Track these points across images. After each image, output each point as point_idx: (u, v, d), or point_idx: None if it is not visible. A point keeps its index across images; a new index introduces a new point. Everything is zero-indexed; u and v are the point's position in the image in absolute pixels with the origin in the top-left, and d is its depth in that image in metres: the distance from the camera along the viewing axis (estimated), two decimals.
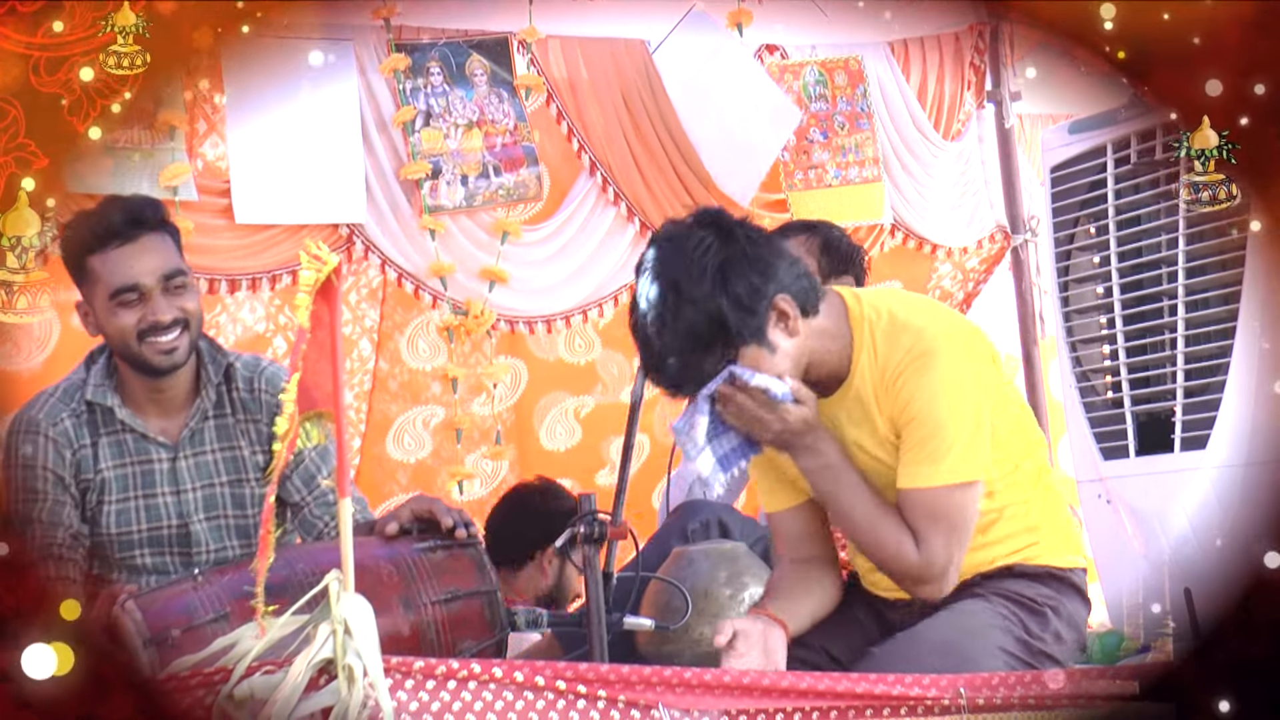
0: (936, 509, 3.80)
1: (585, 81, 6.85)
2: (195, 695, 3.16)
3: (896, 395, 3.82)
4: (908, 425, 3.82)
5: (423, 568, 3.98)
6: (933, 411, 3.78)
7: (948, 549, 3.81)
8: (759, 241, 3.83)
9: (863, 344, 3.87)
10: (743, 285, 3.73)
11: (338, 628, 3.08)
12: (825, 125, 7.17)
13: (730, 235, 3.79)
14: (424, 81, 6.57)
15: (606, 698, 3.31)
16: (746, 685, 3.41)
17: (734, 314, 3.72)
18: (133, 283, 4.43)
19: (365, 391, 6.91)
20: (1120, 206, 6.08)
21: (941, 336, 3.83)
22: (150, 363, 4.46)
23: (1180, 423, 5.85)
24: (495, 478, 7.08)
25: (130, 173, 6.03)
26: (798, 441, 3.85)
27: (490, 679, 3.26)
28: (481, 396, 7.03)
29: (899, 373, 3.81)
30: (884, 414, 3.85)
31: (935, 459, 3.79)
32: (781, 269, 3.82)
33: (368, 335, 6.92)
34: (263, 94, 6.30)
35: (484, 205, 6.62)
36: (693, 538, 4.86)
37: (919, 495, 3.81)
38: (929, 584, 3.84)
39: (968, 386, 3.81)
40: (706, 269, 3.74)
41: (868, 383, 3.87)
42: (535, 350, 7.18)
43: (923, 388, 3.78)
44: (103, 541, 4.52)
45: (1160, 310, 5.94)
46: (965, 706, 3.49)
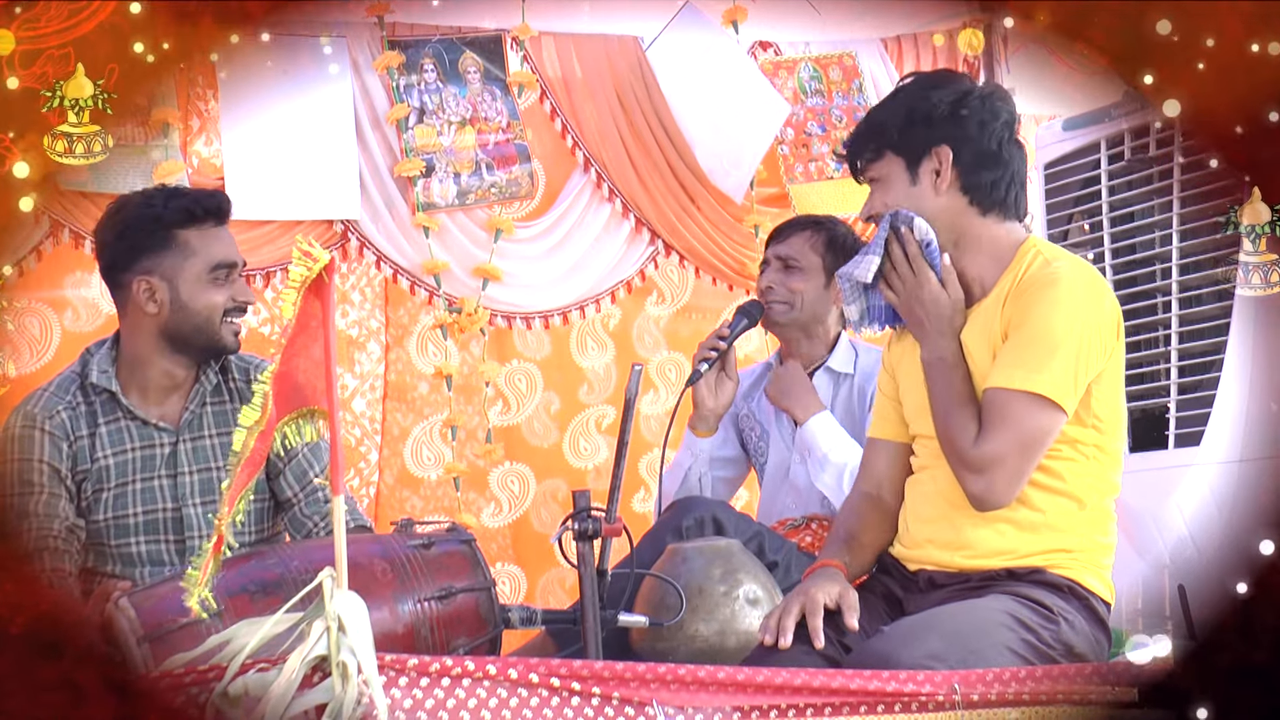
0: (1008, 411, 3.89)
1: (579, 78, 6.84)
2: (189, 692, 3.16)
3: (1017, 304, 3.96)
4: (1016, 331, 3.94)
5: (416, 564, 3.98)
6: (1044, 323, 3.90)
7: (1003, 449, 3.89)
8: (1003, 129, 4.10)
9: (1013, 269, 4.03)
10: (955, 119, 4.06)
11: (331, 625, 3.08)
12: (823, 119, 7.16)
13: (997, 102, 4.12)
14: (417, 78, 6.56)
15: (601, 695, 3.31)
16: (741, 682, 3.42)
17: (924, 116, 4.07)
18: (233, 260, 4.66)
19: (378, 398, 6.91)
20: (1114, 203, 6.09)
21: (1077, 274, 3.98)
22: (224, 340, 4.64)
23: (1174, 419, 5.85)
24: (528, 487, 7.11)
25: (124, 170, 6.02)
26: (935, 323, 4.05)
27: (484, 676, 3.26)
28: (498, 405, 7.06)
29: (1026, 288, 3.96)
30: (1002, 323, 3.99)
31: (1028, 366, 3.88)
32: (994, 149, 4.08)
33: (374, 337, 6.92)
34: (257, 91, 6.29)
35: (476, 203, 6.62)
36: (687, 534, 4.86)
37: (999, 394, 3.91)
38: (975, 474, 3.91)
39: (1085, 319, 3.92)
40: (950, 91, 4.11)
41: (997, 302, 4.02)
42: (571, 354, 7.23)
43: (1041, 300, 3.92)
44: (99, 529, 4.55)
45: (1154, 307, 5.95)
46: (960, 703, 3.50)
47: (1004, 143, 4.07)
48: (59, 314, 6.25)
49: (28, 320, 6.18)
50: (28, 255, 5.98)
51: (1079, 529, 3.97)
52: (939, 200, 4.07)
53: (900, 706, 3.48)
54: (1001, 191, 4.07)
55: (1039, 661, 3.80)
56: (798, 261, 5.44)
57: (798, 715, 3.42)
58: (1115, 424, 4.02)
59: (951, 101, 4.08)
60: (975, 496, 3.93)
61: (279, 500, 4.71)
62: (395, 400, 6.92)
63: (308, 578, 3.16)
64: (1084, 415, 3.95)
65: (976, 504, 3.94)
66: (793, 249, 5.47)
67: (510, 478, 7.12)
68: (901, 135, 4.11)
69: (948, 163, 4.05)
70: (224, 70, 6.26)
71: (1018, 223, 4.13)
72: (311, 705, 3.09)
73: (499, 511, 7.09)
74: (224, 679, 3.11)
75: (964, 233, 4.08)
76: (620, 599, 4.27)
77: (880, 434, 4.33)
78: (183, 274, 4.58)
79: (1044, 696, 3.57)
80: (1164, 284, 5.88)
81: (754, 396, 5.57)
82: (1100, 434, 3.98)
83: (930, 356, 4.07)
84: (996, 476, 3.90)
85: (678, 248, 6.96)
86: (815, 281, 5.43)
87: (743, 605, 4.36)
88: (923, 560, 4.06)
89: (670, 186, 6.92)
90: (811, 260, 5.45)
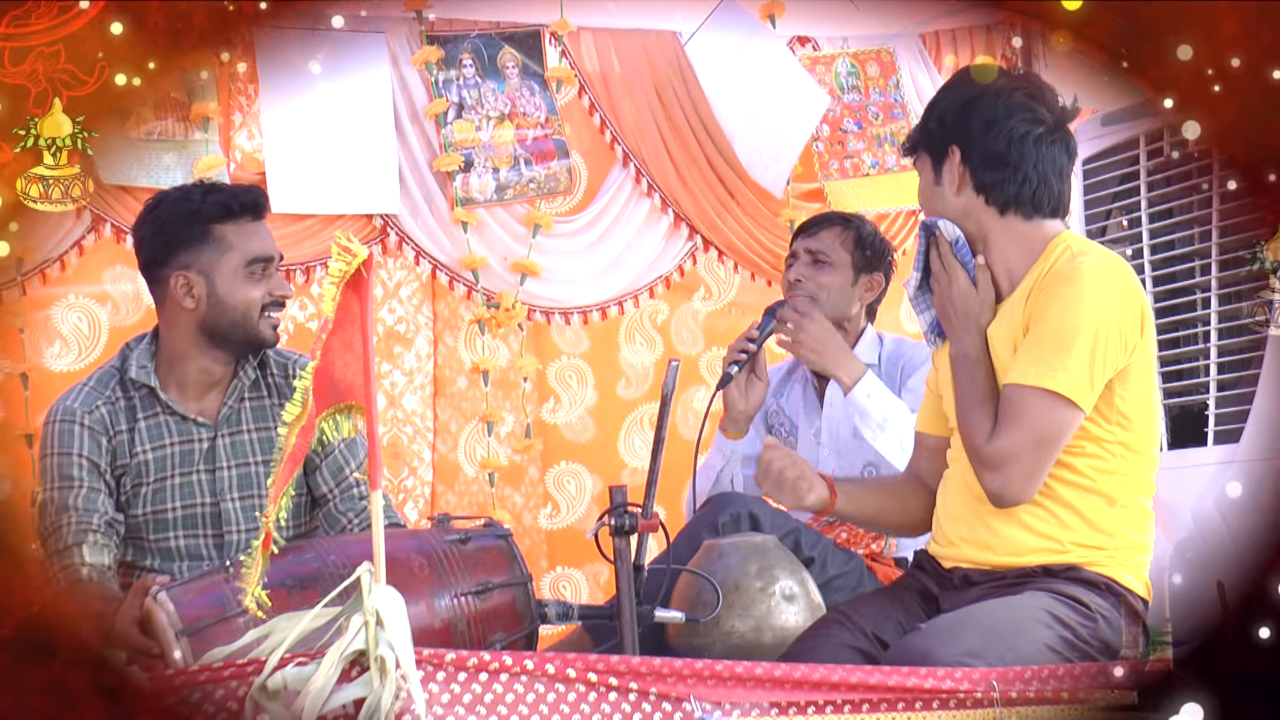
0: (1024, 408, 3.91)
1: (617, 73, 6.84)
2: (228, 686, 3.18)
3: (1039, 299, 3.97)
4: (1035, 326, 3.95)
5: (453, 560, 3.99)
6: (1062, 319, 3.90)
7: (1017, 446, 3.91)
8: (1017, 126, 4.08)
9: (1040, 264, 4.05)
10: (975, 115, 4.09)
11: (369, 619, 3.09)
12: (859, 115, 7.14)
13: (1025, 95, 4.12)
14: (456, 73, 6.57)
15: (638, 690, 3.32)
16: (778, 678, 3.42)
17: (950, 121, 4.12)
18: (270, 254, 4.66)
19: (429, 395, 6.88)
20: (1152, 199, 6.07)
21: (1101, 269, 3.98)
22: (262, 335, 4.65)
23: (1213, 416, 5.83)
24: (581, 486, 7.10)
25: (164, 164, 6.04)
26: (961, 319, 4.09)
27: (521, 671, 3.27)
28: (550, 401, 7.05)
29: (1049, 283, 3.96)
30: (1024, 317, 4.00)
31: (1045, 363, 3.89)
32: (1012, 148, 4.08)
33: (422, 332, 6.90)
34: (296, 85, 6.30)
35: (515, 198, 6.62)
36: (723, 530, 4.86)
37: (1015, 390, 3.93)
38: (991, 471, 3.94)
39: (1104, 314, 3.91)
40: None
41: (1025, 293, 4.03)
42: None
43: (1060, 295, 3.93)
44: (138, 524, 4.58)
45: (1193, 303, 5.93)
46: (998, 700, 3.49)
47: (1016, 141, 4.05)
48: (104, 308, 6.26)
49: (74, 316, 6.19)
50: (69, 250, 6.00)
51: (1112, 526, 3.96)
52: (959, 200, 4.10)
53: (938, 703, 3.47)
54: (1015, 189, 4.06)
55: (1077, 659, 3.80)
56: (827, 256, 5.46)
57: (835, 711, 3.42)
58: (1145, 423, 4.00)
59: (962, 102, 4.10)
60: (992, 493, 3.95)
61: (314, 496, 4.73)
62: (444, 396, 6.89)
63: (345, 572, 3.18)
64: (1108, 413, 3.94)
65: (994, 500, 3.95)
66: (823, 243, 5.49)
67: (565, 477, 7.09)
68: (923, 135, 4.18)
69: (956, 163, 4.08)
70: (264, 65, 6.28)
71: (1052, 219, 4.12)
72: (350, 700, 3.10)
73: (556, 514, 7.06)
74: (263, 673, 3.13)
75: (987, 231, 4.10)
76: (657, 595, 4.27)
77: (925, 428, 4.38)
78: (219, 269, 4.60)
79: (1082, 694, 3.56)
80: (1203, 280, 5.86)
81: (783, 393, 5.57)
82: (1127, 432, 3.96)
83: (955, 352, 4.10)
84: (1012, 473, 3.91)
85: (716, 243, 6.95)
86: (843, 276, 5.47)
87: (779, 601, 4.37)
88: (957, 558, 4.06)
89: (709, 181, 6.92)
90: (841, 256, 5.47)
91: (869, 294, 5.54)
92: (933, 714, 3.47)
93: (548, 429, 7.06)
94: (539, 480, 7.02)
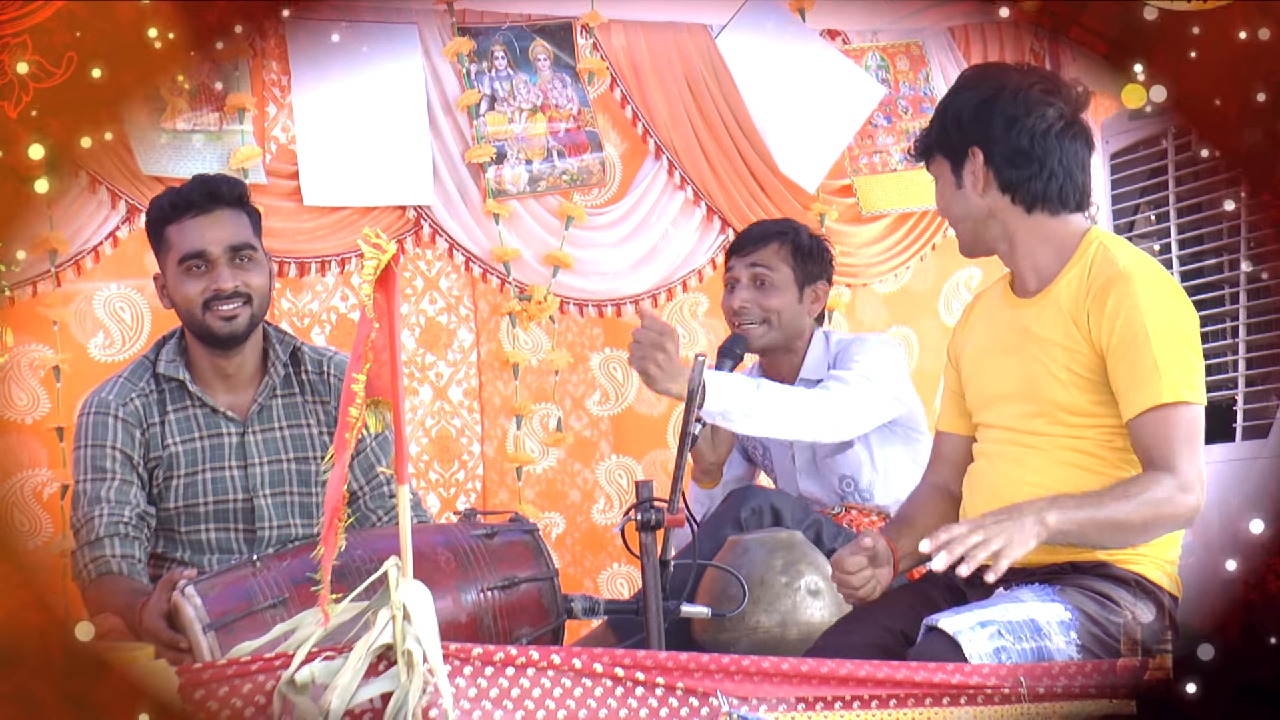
0: (1176, 429, 3.84)
1: (648, 66, 6.84)
2: (255, 680, 3.20)
3: (1101, 311, 3.90)
4: (1116, 348, 3.89)
5: (480, 554, 4.00)
6: (1140, 328, 3.85)
7: (1194, 461, 3.84)
8: (1038, 122, 4.04)
9: (1078, 261, 4.01)
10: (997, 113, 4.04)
11: (397, 613, 3.11)
12: (889, 110, 7.15)
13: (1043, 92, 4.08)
14: (488, 65, 6.58)
15: (665, 685, 3.33)
16: (805, 673, 3.42)
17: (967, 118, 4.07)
18: (200, 249, 4.60)
19: (474, 388, 6.85)
20: (1180, 194, 6.05)
21: (1146, 270, 3.95)
22: (212, 330, 4.61)
23: (1242, 411, 5.82)
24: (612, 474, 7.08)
25: (200, 154, 6.07)
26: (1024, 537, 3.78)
27: (548, 665, 3.28)
28: (596, 394, 7.03)
29: (1102, 291, 3.90)
30: (1081, 329, 3.93)
31: (1151, 377, 3.84)
32: (1032, 142, 4.03)
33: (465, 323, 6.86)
34: (329, 78, 6.32)
35: (547, 190, 6.63)
36: (746, 524, 4.87)
37: (1151, 416, 3.84)
38: (1187, 494, 3.83)
39: (1172, 311, 3.90)
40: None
41: (1068, 295, 3.97)
42: None
43: (1124, 305, 3.87)
44: (169, 516, 4.60)
45: (1222, 298, 5.91)
46: (1025, 695, 3.50)
47: (1039, 137, 4.02)
48: (143, 298, 6.27)
49: (118, 306, 6.20)
50: (103, 241, 6.02)
51: None
52: (984, 201, 4.07)
53: (965, 699, 3.48)
54: (1041, 186, 4.04)
55: (1105, 655, 3.78)
56: (770, 276, 5.34)
57: (861, 707, 3.43)
58: None
59: (979, 101, 4.06)
60: (1193, 511, 3.86)
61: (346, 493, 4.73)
62: (490, 389, 6.86)
63: (372, 567, 3.19)
64: None
65: (1192, 518, 3.89)
66: (763, 259, 5.37)
67: (618, 471, 7.06)
68: (939, 138, 4.14)
69: (979, 164, 4.05)
70: (296, 57, 6.30)
71: (1077, 213, 4.09)
72: (377, 694, 3.12)
73: (609, 507, 7.04)
74: (291, 667, 3.15)
75: (1013, 230, 4.07)
76: (682, 590, 4.29)
77: (946, 427, 4.35)
78: (168, 269, 4.67)
79: (1110, 690, 3.56)
80: (1231, 275, 5.84)
81: None
82: None
83: (1049, 539, 3.80)
84: (1199, 487, 3.84)
85: None
86: (789, 295, 5.36)
87: (804, 596, 4.38)
88: None
89: (741, 174, 6.92)
90: (784, 273, 5.36)
91: (816, 305, 5.43)
92: (960, 709, 3.47)
93: (596, 421, 7.03)
94: (591, 476, 7.00)
